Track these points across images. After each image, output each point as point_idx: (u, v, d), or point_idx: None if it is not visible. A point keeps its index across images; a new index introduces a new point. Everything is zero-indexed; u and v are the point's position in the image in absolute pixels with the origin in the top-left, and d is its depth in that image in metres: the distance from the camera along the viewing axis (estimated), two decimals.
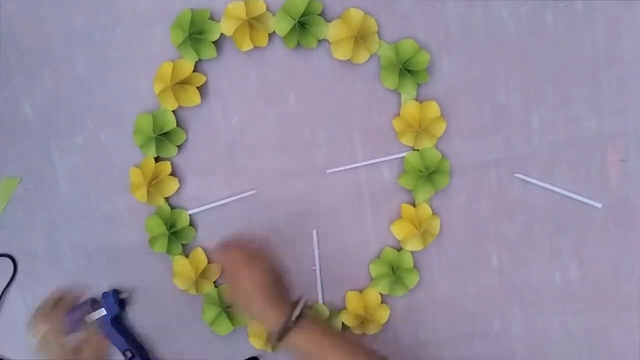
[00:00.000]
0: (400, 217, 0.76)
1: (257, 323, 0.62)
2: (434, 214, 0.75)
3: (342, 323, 0.77)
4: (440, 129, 0.73)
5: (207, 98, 0.74)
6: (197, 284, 0.75)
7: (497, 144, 0.75)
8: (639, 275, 0.78)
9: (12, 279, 0.78)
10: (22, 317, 0.79)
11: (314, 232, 0.76)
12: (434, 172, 0.73)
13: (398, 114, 0.73)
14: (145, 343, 0.78)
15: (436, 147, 0.73)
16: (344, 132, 0.74)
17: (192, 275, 0.75)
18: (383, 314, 0.77)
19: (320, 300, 0.77)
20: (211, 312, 0.76)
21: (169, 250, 0.75)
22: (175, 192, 0.75)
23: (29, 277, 0.78)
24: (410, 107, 0.72)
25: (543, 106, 0.74)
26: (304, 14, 0.69)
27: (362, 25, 0.69)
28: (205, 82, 0.73)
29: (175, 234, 0.75)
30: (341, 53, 0.70)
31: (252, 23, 0.69)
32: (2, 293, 0.78)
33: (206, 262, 0.76)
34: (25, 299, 0.79)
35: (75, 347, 0.62)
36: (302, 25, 0.69)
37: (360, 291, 0.77)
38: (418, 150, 0.73)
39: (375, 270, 0.76)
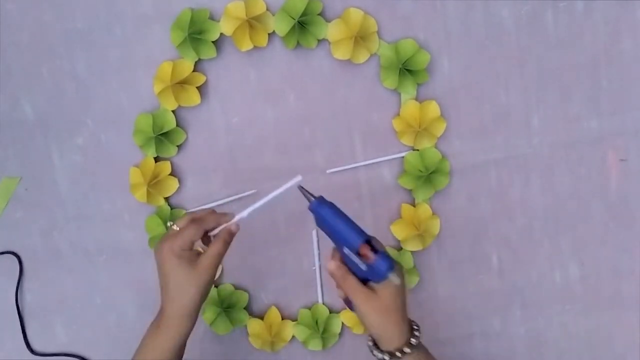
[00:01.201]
0: (400, 217, 0.76)
1: (376, 336, 0.59)
2: (433, 214, 0.75)
3: (342, 323, 0.77)
4: (440, 128, 0.73)
5: (207, 98, 0.73)
6: None
7: (497, 144, 0.75)
8: (639, 275, 0.78)
9: (20, 275, 0.78)
10: (22, 317, 0.79)
11: (314, 232, 0.76)
12: (433, 172, 0.73)
13: (398, 114, 0.73)
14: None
15: (436, 147, 0.73)
16: (344, 132, 0.74)
17: None
18: None
19: (320, 301, 0.77)
20: (211, 312, 0.76)
21: None
22: (175, 192, 0.75)
23: (28, 277, 0.78)
24: (410, 107, 0.72)
25: (543, 106, 0.74)
26: (303, 14, 0.69)
27: (362, 25, 0.69)
28: (205, 82, 0.73)
29: None
30: (341, 53, 0.70)
31: (251, 23, 0.69)
32: (16, 291, 0.78)
33: None
34: (25, 298, 0.79)
35: (190, 256, 0.59)
36: (302, 25, 0.69)
37: None
38: (418, 150, 0.73)
39: None
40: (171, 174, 0.74)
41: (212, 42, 0.70)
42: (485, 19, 0.72)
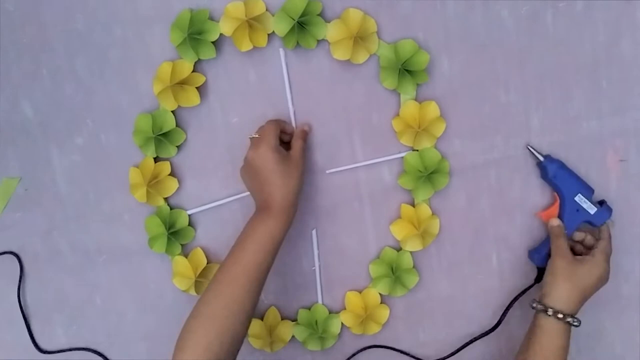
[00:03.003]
0: (399, 217, 0.76)
1: (548, 289, 0.68)
2: (433, 214, 0.75)
3: (341, 323, 0.77)
4: (439, 129, 0.73)
5: (207, 98, 0.73)
6: (196, 284, 0.75)
7: (497, 144, 0.75)
8: (639, 275, 0.78)
9: (21, 276, 0.78)
10: (20, 318, 0.79)
11: (314, 232, 0.76)
12: (433, 172, 0.73)
13: (397, 114, 0.73)
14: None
15: (436, 147, 0.73)
16: (344, 132, 0.74)
17: (192, 275, 0.75)
18: (383, 314, 0.77)
19: (320, 301, 0.77)
20: None
21: (168, 251, 0.75)
22: (175, 192, 0.75)
23: (28, 277, 0.78)
24: (409, 107, 0.72)
25: (543, 106, 0.74)
26: (303, 14, 0.69)
27: (361, 25, 0.69)
28: (205, 83, 0.73)
29: (175, 234, 0.75)
30: (341, 53, 0.70)
31: (251, 23, 0.69)
32: (18, 291, 0.78)
33: (206, 262, 0.76)
34: (25, 299, 0.79)
35: (283, 151, 0.67)
36: (302, 25, 0.69)
37: (360, 291, 0.77)
38: (417, 150, 0.73)
39: (374, 270, 0.76)
40: (171, 174, 0.74)
41: (212, 42, 0.70)
42: (485, 19, 0.72)
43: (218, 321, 0.61)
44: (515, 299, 0.77)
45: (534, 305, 0.68)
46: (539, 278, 0.76)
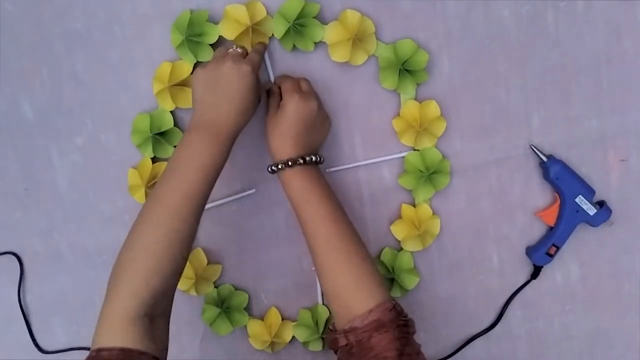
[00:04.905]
0: (400, 217, 0.76)
1: (270, 141, 0.67)
2: (434, 214, 0.75)
3: None
4: (440, 128, 0.73)
5: None
6: (197, 285, 0.75)
7: (497, 144, 0.75)
8: (639, 275, 0.78)
9: (21, 276, 0.78)
10: (20, 318, 0.79)
11: None
12: (434, 172, 0.73)
13: (398, 114, 0.73)
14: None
15: (436, 147, 0.73)
16: (345, 131, 0.74)
17: (192, 275, 0.75)
18: None
19: (320, 301, 0.77)
20: (211, 313, 0.76)
21: None
22: None
23: (28, 277, 0.78)
24: (410, 107, 0.72)
25: (543, 106, 0.74)
26: (299, 17, 0.68)
27: (359, 26, 0.69)
28: None
29: None
30: (339, 55, 0.70)
31: (253, 28, 0.68)
32: (18, 291, 0.78)
33: (206, 262, 0.76)
34: (24, 299, 0.79)
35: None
36: (299, 27, 0.69)
37: None
38: (418, 150, 0.73)
39: None
40: None
41: (210, 44, 0.70)
42: (485, 19, 0.72)
43: (158, 251, 0.57)
44: (513, 295, 0.78)
45: (269, 169, 0.66)
46: (535, 274, 0.77)
